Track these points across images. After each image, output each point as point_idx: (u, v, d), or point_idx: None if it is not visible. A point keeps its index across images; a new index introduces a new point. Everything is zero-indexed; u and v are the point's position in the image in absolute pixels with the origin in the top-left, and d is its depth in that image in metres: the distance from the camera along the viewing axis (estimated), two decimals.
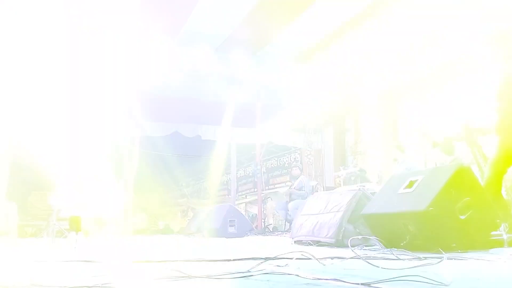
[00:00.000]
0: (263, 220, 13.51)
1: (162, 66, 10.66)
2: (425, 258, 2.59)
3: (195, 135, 12.90)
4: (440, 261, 2.29)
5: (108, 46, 9.95)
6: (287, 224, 9.63)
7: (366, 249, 3.72)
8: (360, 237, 4.02)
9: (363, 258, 2.50)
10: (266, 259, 2.66)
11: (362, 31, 10.23)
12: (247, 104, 12.14)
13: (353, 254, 2.83)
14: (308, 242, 4.81)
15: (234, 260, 2.85)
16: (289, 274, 1.96)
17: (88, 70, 10.02)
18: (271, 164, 16.33)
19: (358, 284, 1.55)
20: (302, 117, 13.03)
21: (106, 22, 9.57)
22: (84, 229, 6.17)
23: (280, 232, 10.18)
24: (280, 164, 15.81)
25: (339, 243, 4.34)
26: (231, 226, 8.47)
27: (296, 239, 5.24)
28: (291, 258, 2.64)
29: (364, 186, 5.92)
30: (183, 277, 2.02)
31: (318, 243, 4.63)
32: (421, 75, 9.56)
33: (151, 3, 9.20)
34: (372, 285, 1.51)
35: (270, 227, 13.04)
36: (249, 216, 17.55)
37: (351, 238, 3.60)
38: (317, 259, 2.56)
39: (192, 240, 8.38)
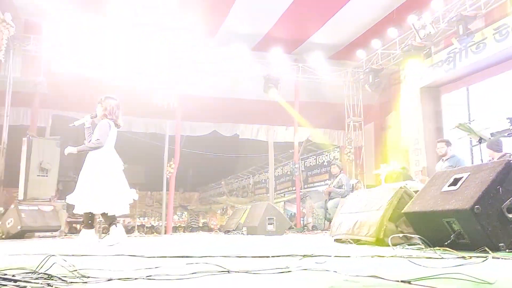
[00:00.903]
0: (302, 219, 13.47)
1: (200, 66, 10.84)
2: (470, 257, 2.50)
3: (233, 134, 13.03)
4: (485, 260, 2.20)
5: (147, 47, 10.21)
6: (327, 223, 9.54)
7: (408, 248, 3.63)
8: (400, 235, 3.93)
9: (404, 256, 2.45)
10: (305, 256, 2.66)
11: (399, 26, 10.01)
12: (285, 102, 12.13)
13: (393, 253, 2.77)
14: (348, 241, 4.75)
15: (272, 256, 2.86)
16: (327, 270, 1.94)
17: (126, 70, 10.31)
18: (310, 162, 16.23)
19: (397, 281, 1.52)
20: (342, 114, 12.89)
21: (145, 24, 9.83)
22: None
23: (319, 231, 10.12)
24: (319, 162, 15.69)
25: (380, 242, 4.25)
26: (269, 224, 8.49)
27: (335, 237, 5.19)
28: (330, 256, 2.61)
29: (406, 184, 5.78)
30: (222, 271, 2.05)
31: (358, 242, 4.56)
32: (465, 69, 9.25)
33: (189, 5, 9.37)
34: (412, 282, 1.48)
35: (309, 226, 12.99)
36: (287, 214, 17.54)
37: (391, 236, 3.53)
38: (356, 257, 2.52)
39: (231, 237, 8.47)
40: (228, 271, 2.04)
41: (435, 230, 3.74)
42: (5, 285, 1.60)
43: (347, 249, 3.37)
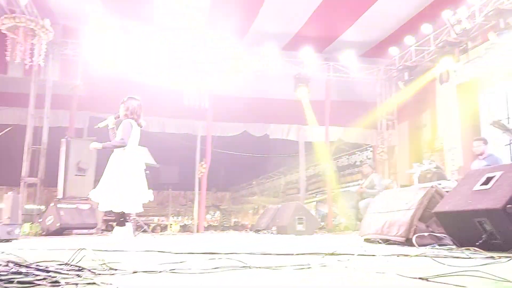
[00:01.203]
0: (333, 219, 13.34)
1: (231, 66, 10.93)
2: (499, 257, 2.44)
3: (263, 134, 13.05)
4: (510, 260, 2.14)
5: (178, 49, 10.39)
6: (358, 223, 9.43)
7: (438, 248, 3.57)
8: (426, 234, 3.86)
9: (431, 256, 2.41)
10: (327, 254, 2.66)
11: (434, 21, 9.76)
12: (315, 101, 12.07)
13: (420, 252, 2.73)
14: (377, 241, 4.70)
15: (296, 254, 2.87)
16: (346, 267, 1.95)
17: (159, 72, 10.53)
18: (342, 162, 16.06)
19: (415, 278, 1.51)
20: (374, 113, 12.70)
21: (177, 25, 10.00)
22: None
23: (350, 231, 10.01)
24: (351, 162, 15.50)
25: (410, 242, 4.19)
26: (299, 223, 8.47)
27: (365, 237, 5.14)
28: (353, 254, 2.61)
29: (440, 184, 5.65)
30: (243, 267, 2.09)
31: (388, 242, 4.51)
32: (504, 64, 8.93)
33: (219, 6, 9.48)
34: (430, 279, 1.47)
35: (341, 226, 12.85)
36: (319, 214, 17.40)
37: (416, 235, 3.47)
38: (380, 256, 2.50)
39: (260, 236, 8.51)
40: (250, 267, 2.08)
41: (467, 230, 3.65)
42: (38, 275, 1.70)
43: (374, 249, 3.34)
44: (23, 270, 1.74)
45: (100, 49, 10.06)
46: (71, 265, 2.01)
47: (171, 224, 12.70)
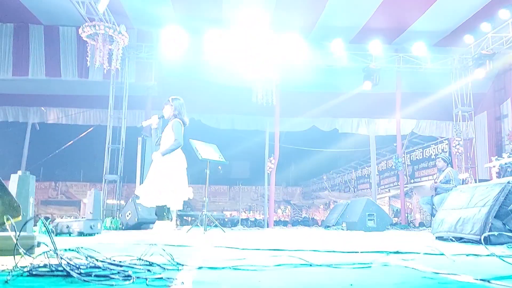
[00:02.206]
0: (408, 215, 12.91)
1: (298, 62, 10.92)
2: None
3: (332, 128, 12.89)
4: None
5: (246, 47, 10.56)
6: (433, 219, 9.04)
7: None
8: (502, 232, 3.63)
9: (499, 256, 2.30)
10: (391, 252, 2.62)
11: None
12: (386, 94, 11.72)
13: (492, 252, 2.60)
14: (450, 239, 4.51)
15: (361, 252, 2.86)
16: (406, 267, 1.93)
17: (228, 71, 10.78)
18: (416, 156, 15.43)
19: (477, 279, 1.47)
20: (449, 104, 12.09)
21: (245, 24, 10.17)
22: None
23: (425, 228, 9.64)
24: (426, 155, 14.85)
25: (485, 241, 3.97)
26: (370, 220, 8.30)
27: (437, 235, 4.94)
28: (419, 253, 2.55)
29: None
30: (304, 264, 2.13)
31: (461, 240, 4.31)
32: None
33: (285, 2, 9.51)
34: (492, 281, 1.42)
35: (416, 222, 12.42)
36: (392, 210, 16.90)
37: (491, 233, 3.29)
38: (446, 255, 2.43)
39: (330, 232, 8.45)
40: (311, 264, 2.12)
41: None
42: (113, 269, 1.87)
43: (443, 247, 3.22)
44: (100, 264, 1.91)
45: (172, 51, 10.52)
46: (143, 260, 2.18)
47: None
